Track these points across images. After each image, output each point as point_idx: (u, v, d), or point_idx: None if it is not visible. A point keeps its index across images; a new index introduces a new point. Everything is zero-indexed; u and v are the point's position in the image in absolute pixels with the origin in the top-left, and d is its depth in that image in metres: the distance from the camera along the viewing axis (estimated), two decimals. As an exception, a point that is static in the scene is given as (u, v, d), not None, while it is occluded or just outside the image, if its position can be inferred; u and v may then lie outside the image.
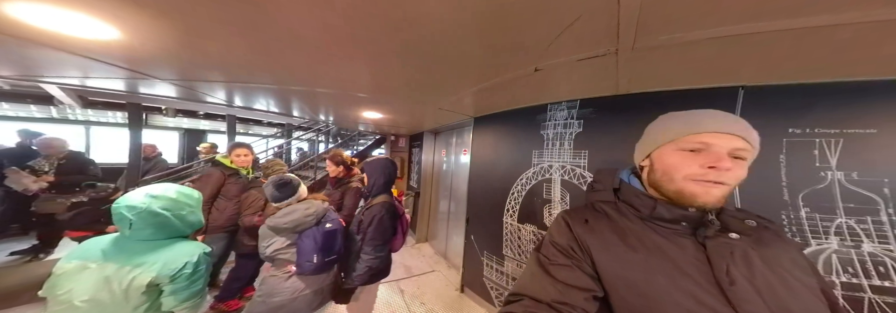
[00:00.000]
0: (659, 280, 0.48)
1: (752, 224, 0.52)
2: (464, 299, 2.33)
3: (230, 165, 2.06)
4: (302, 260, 1.26)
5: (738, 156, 0.51)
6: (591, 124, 1.57)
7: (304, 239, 1.28)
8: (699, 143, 0.52)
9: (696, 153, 0.52)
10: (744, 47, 0.84)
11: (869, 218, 0.98)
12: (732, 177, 0.49)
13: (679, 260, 0.49)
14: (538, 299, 0.49)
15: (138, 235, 0.89)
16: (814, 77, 1.02)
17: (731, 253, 0.48)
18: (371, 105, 2.14)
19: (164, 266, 0.86)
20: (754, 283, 0.45)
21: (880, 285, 0.95)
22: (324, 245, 1.29)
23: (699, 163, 0.50)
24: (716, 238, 0.50)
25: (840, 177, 1.01)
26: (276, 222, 1.28)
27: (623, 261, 0.52)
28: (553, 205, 1.71)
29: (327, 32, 0.87)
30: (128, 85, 1.95)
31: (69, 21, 0.85)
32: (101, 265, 0.84)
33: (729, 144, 0.50)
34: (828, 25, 0.68)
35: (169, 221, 0.91)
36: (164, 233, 0.92)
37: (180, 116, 5.45)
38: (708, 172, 0.49)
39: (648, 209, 0.54)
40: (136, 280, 0.83)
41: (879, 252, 0.96)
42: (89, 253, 0.86)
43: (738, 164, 0.50)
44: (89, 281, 0.81)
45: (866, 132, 0.98)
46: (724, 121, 0.53)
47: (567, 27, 0.78)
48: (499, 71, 1.21)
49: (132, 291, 0.82)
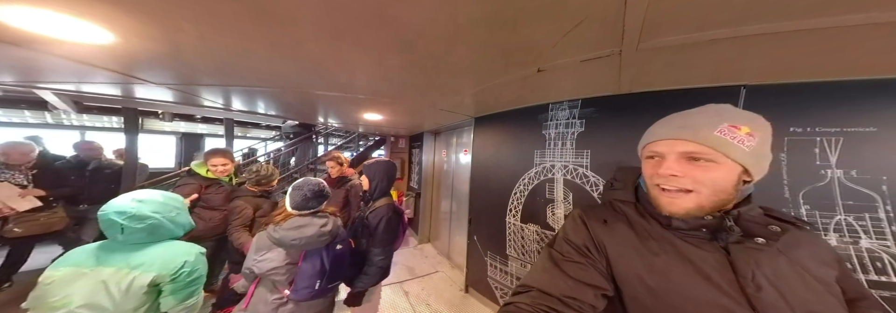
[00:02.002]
0: (680, 285, 0.47)
1: (775, 229, 0.50)
2: (469, 299, 2.34)
3: (206, 175, 1.93)
4: (300, 286, 1.08)
5: (692, 156, 0.49)
6: (594, 124, 1.57)
7: (309, 260, 1.10)
8: (651, 152, 0.54)
9: (654, 160, 0.54)
10: (747, 48, 0.84)
11: (867, 215, 0.99)
12: (691, 182, 0.48)
13: (701, 266, 0.48)
14: (548, 292, 0.49)
15: (131, 239, 0.89)
16: (815, 76, 1.03)
17: (757, 259, 0.47)
18: (371, 106, 2.14)
19: (164, 265, 0.87)
20: (780, 290, 0.44)
21: (877, 280, 0.97)
22: (331, 269, 1.13)
23: (655, 172, 0.52)
24: (741, 243, 0.49)
25: (839, 175, 1.03)
26: (283, 235, 1.08)
27: (643, 265, 0.51)
28: (556, 204, 1.72)
29: (326, 33, 0.86)
30: (124, 89, 1.93)
31: (63, 25, 0.84)
32: (96, 270, 0.84)
33: (674, 149, 0.51)
34: (830, 27, 0.69)
35: (161, 223, 0.92)
36: (157, 236, 0.93)
37: (177, 120, 5.40)
38: (666, 179, 0.50)
39: (666, 218, 0.53)
40: (136, 280, 0.83)
41: (877, 248, 0.98)
42: (80, 260, 0.86)
43: (701, 168, 0.48)
44: (86, 286, 0.81)
45: (866, 130, 0.99)
46: (669, 126, 0.54)
47: (572, 29, 0.79)
48: (502, 72, 1.21)
49: (133, 292, 0.83)
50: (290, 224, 1.11)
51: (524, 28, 0.79)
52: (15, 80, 1.73)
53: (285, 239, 1.08)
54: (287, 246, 1.09)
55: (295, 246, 1.10)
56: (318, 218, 1.16)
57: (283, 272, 1.09)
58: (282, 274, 1.09)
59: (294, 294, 1.09)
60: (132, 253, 0.87)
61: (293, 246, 1.09)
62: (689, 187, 0.49)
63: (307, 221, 1.13)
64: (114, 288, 0.82)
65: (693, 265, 0.48)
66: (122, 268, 0.84)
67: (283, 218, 1.15)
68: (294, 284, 1.10)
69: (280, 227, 1.11)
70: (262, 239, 1.12)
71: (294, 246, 1.10)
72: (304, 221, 1.13)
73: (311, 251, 1.13)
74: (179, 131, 5.71)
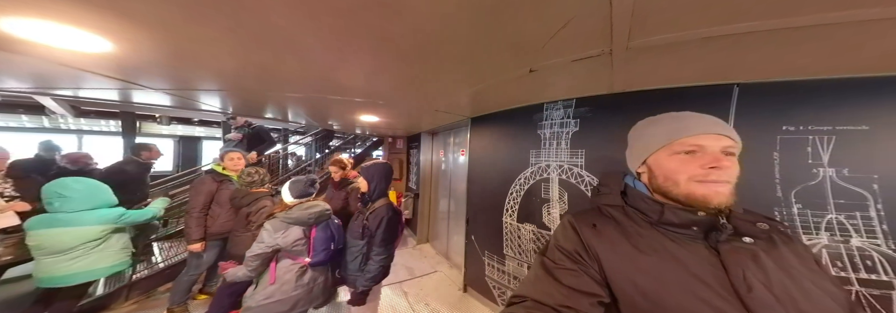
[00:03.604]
0: (672, 286, 0.47)
1: (764, 227, 0.51)
2: (467, 299, 2.36)
3: (222, 172, 2.06)
4: (319, 249, 1.39)
5: (729, 152, 0.53)
6: (588, 123, 1.58)
7: (320, 231, 1.42)
8: (693, 146, 0.53)
9: (692, 155, 0.53)
10: (737, 46, 0.84)
11: (858, 213, 1.00)
12: (733, 175, 0.52)
13: (692, 266, 0.48)
14: (543, 302, 0.49)
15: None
16: (808, 74, 1.03)
17: (747, 259, 0.47)
18: (367, 108, 2.14)
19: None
20: (772, 289, 0.45)
21: (867, 278, 0.98)
22: (337, 234, 1.48)
23: (699, 165, 0.51)
24: (729, 242, 0.49)
25: (831, 174, 1.03)
26: (299, 215, 1.38)
27: (634, 267, 0.51)
28: (552, 204, 1.72)
29: (321, 38, 0.87)
30: (121, 94, 1.93)
31: (62, 35, 0.85)
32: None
33: (719, 144, 0.52)
34: (819, 25, 0.69)
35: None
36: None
37: (175, 124, 5.40)
38: (710, 172, 0.50)
39: (657, 214, 0.53)
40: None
41: (867, 246, 0.99)
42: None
43: (731, 161, 0.52)
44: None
45: (858, 129, 0.99)
46: (710, 122, 0.55)
47: (560, 29, 0.79)
48: (493, 72, 1.21)
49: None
50: (300, 207, 1.41)
51: (513, 29, 0.80)
52: (17, 87, 1.73)
53: (303, 216, 1.38)
54: (304, 221, 1.39)
55: (309, 222, 1.40)
56: (317, 202, 1.49)
57: (303, 243, 1.38)
58: (302, 245, 1.39)
59: (314, 257, 1.38)
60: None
61: (309, 221, 1.40)
62: (730, 180, 0.52)
63: (311, 204, 1.44)
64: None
65: (683, 265, 0.49)
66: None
67: (283, 209, 1.42)
68: (313, 250, 1.38)
69: (292, 212, 1.39)
70: (277, 223, 1.38)
71: (309, 222, 1.40)
72: (311, 204, 1.45)
73: (320, 224, 1.45)
74: (177, 134, 5.72)
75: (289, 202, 1.44)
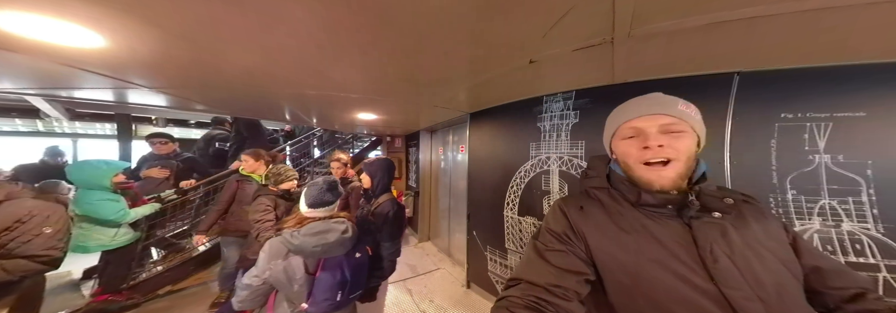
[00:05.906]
0: (648, 261, 0.51)
1: (729, 201, 0.55)
2: (471, 294, 2.37)
3: (241, 172, 2.23)
4: (320, 298, 0.99)
5: (671, 130, 0.55)
6: (588, 114, 1.59)
7: (328, 270, 1.00)
8: (632, 129, 0.58)
9: (635, 138, 0.58)
10: (738, 33, 0.85)
11: (850, 198, 1.02)
12: (673, 152, 0.53)
13: (667, 242, 0.52)
14: (534, 283, 0.52)
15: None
16: (807, 61, 1.04)
17: (716, 233, 0.51)
18: (364, 105, 2.14)
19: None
20: (734, 260, 0.48)
21: (855, 261, 1.00)
22: (352, 279, 1.04)
23: (637, 147, 0.56)
24: (700, 218, 0.53)
25: (827, 160, 1.05)
26: (303, 241, 0.97)
27: (615, 243, 0.55)
28: (552, 196, 1.74)
29: (316, 33, 0.86)
30: (116, 95, 1.91)
31: (51, 29, 0.83)
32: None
33: (655, 123, 0.56)
34: (819, 8, 0.70)
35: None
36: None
37: (171, 126, 5.35)
38: (645, 153, 0.55)
39: (635, 196, 0.57)
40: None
41: (857, 230, 1.01)
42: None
43: (677, 138, 0.54)
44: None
45: (855, 115, 1.01)
46: (646, 103, 0.59)
47: (562, 17, 0.79)
48: (493, 64, 1.21)
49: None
50: (309, 229, 1.00)
51: (514, 18, 0.80)
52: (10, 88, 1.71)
53: (306, 245, 0.97)
54: (307, 253, 0.98)
55: (315, 254, 0.99)
56: (338, 223, 1.06)
57: (303, 282, 0.97)
58: (300, 286, 0.97)
59: (313, 306, 0.99)
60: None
61: (314, 253, 0.99)
62: (671, 156, 0.54)
63: (327, 226, 1.02)
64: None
65: (659, 241, 0.52)
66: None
67: (296, 222, 1.06)
68: (312, 296, 0.99)
69: (298, 232, 0.99)
70: (277, 246, 0.99)
71: (314, 254, 0.99)
72: (325, 226, 1.02)
73: (330, 260, 1.02)
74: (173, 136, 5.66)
75: (304, 213, 1.08)
